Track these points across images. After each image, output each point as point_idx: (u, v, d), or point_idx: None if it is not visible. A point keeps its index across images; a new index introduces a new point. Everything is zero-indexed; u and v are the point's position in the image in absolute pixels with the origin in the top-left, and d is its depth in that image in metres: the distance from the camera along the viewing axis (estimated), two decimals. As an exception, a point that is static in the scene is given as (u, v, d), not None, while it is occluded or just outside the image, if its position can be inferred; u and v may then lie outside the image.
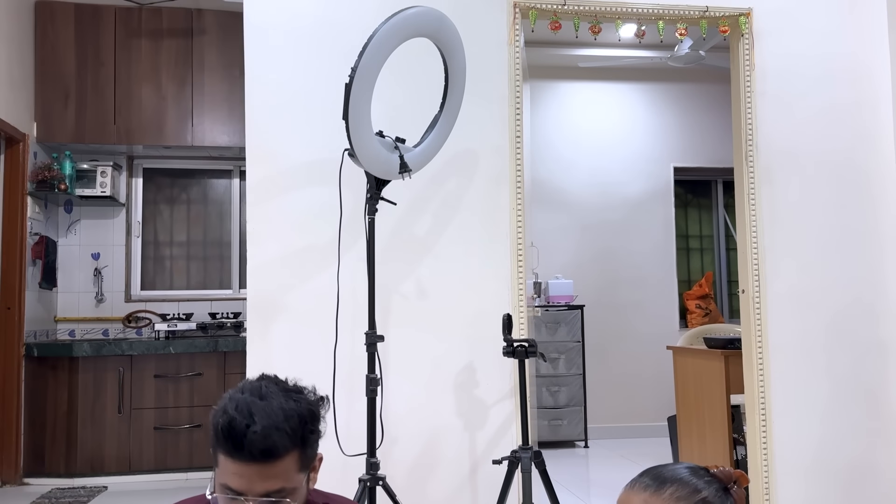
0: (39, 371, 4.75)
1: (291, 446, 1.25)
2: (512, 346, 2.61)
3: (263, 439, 1.21)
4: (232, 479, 1.24)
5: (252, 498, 1.23)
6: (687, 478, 1.17)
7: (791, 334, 3.01)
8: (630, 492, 1.19)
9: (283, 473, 1.25)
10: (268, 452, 1.22)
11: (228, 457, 1.24)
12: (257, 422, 1.22)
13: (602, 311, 6.02)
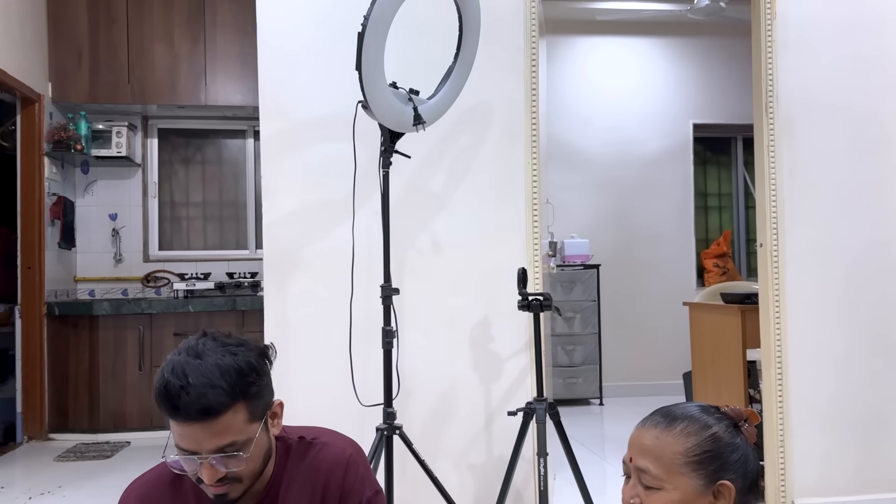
0: (61, 330, 4.83)
1: (231, 401, 1.23)
2: (527, 300, 2.61)
3: (199, 399, 1.20)
4: (181, 439, 1.24)
5: (205, 455, 1.23)
6: (697, 414, 1.17)
7: (808, 288, 2.98)
8: (642, 429, 1.19)
9: (230, 428, 1.24)
10: (206, 411, 1.21)
11: (171, 419, 1.23)
12: (191, 382, 1.20)
13: (618, 270, 6.00)
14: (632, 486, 1.17)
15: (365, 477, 1.40)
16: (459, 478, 2.79)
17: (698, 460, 1.13)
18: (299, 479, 1.38)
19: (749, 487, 1.15)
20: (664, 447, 1.14)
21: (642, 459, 1.15)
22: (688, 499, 1.12)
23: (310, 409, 2.73)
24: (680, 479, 1.12)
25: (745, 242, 6.53)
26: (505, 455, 2.76)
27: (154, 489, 1.38)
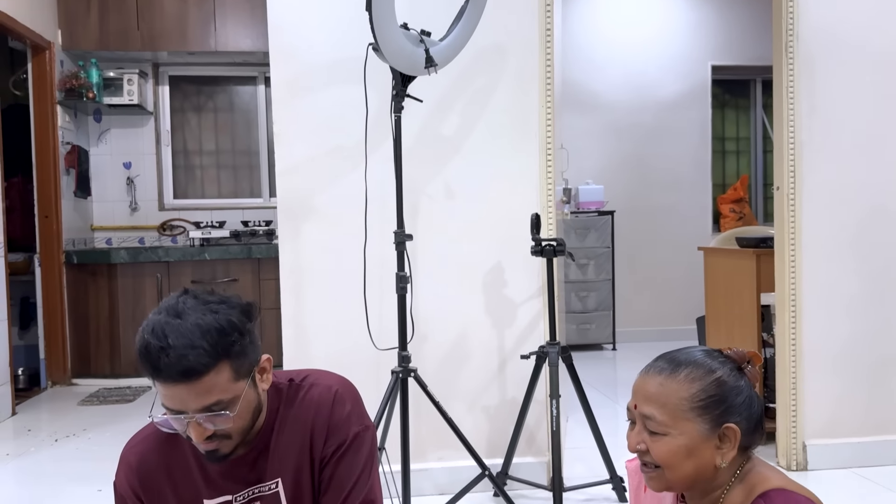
0: (80, 278, 4.89)
1: (213, 361, 1.21)
2: (540, 246, 2.61)
3: (179, 360, 1.18)
4: (166, 399, 1.24)
5: (191, 414, 1.22)
6: (701, 359, 1.18)
7: (824, 231, 2.95)
8: (646, 376, 1.20)
9: (215, 387, 1.22)
10: (187, 372, 1.19)
11: (154, 380, 1.23)
12: (171, 343, 1.19)
13: (633, 216, 5.96)
14: (637, 432, 1.18)
15: (352, 412, 1.38)
16: (473, 420, 2.83)
17: (703, 405, 1.13)
18: (289, 422, 1.38)
19: (754, 428, 1.16)
20: (669, 393, 1.15)
21: (647, 406, 1.16)
22: (694, 444, 1.13)
23: (326, 353, 2.76)
24: (685, 425, 1.13)
25: (762, 187, 6.46)
26: (518, 398, 2.79)
27: (152, 445, 1.39)
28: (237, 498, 1.36)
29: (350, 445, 1.36)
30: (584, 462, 3.06)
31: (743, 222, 5.90)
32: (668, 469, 1.14)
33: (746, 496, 1.13)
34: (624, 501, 2.71)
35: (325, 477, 1.36)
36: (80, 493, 2.92)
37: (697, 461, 1.13)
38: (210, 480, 1.36)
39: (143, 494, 1.36)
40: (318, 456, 1.36)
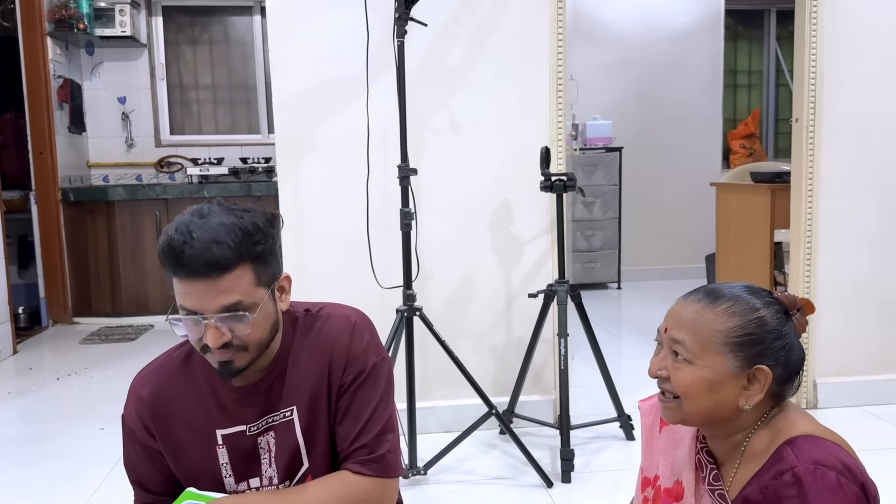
0: (77, 215, 4.81)
1: (237, 259, 1.18)
2: (550, 181, 2.51)
3: (203, 251, 1.16)
4: (184, 298, 1.20)
5: (209, 315, 1.19)
6: (745, 296, 1.10)
7: (844, 165, 2.85)
8: (683, 303, 1.12)
9: (236, 287, 1.19)
10: (210, 265, 1.16)
11: (175, 277, 1.19)
12: (195, 237, 1.16)
13: (641, 153, 5.82)
14: (661, 357, 1.11)
15: (370, 343, 1.36)
16: (479, 359, 2.79)
17: (738, 342, 1.06)
18: (305, 351, 1.34)
19: (788, 378, 1.09)
20: (704, 322, 1.07)
21: (678, 331, 1.09)
22: (718, 379, 1.06)
23: (329, 292, 2.69)
24: (715, 358, 1.06)
25: (773, 122, 6.30)
26: (524, 337, 2.74)
27: (163, 376, 1.35)
28: (251, 428, 1.32)
29: (369, 375, 1.33)
30: (590, 400, 3.04)
31: (753, 158, 5.77)
32: (686, 400, 1.07)
33: (771, 441, 1.06)
34: (632, 439, 2.68)
35: (341, 406, 1.32)
36: (82, 430, 2.90)
37: (718, 397, 1.06)
38: (224, 410, 1.32)
39: (154, 427, 1.32)
40: (336, 385, 1.33)
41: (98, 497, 2.34)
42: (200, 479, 1.32)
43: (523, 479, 2.39)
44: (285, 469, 1.35)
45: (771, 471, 1.02)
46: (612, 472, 2.44)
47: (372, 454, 1.31)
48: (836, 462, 0.98)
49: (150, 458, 1.35)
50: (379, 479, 1.31)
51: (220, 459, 1.33)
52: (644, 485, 1.23)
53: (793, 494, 0.97)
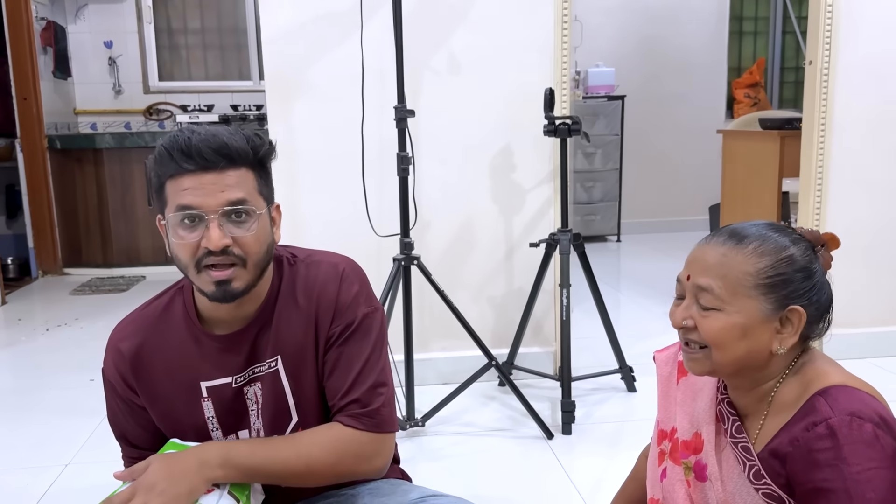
0: (65, 163, 4.69)
1: (244, 156, 1.15)
2: (554, 124, 2.40)
3: (213, 139, 1.12)
4: (186, 195, 1.12)
5: (213, 211, 1.12)
6: (772, 234, 1.02)
7: (858, 110, 2.74)
8: (705, 246, 1.03)
9: (242, 185, 1.15)
10: (220, 152, 1.12)
11: (178, 174, 1.12)
12: (202, 132, 1.13)
13: (644, 102, 5.68)
14: (685, 307, 1.03)
15: (360, 292, 1.28)
16: (479, 310, 2.72)
17: (770, 283, 0.98)
18: (292, 298, 1.26)
19: (819, 317, 1.02)
20: (732, 266, 0.99)
21: (704, 277, 1.00)
22: (751, 324, 0.99)
23: (323, 241, 2.59)
24: (745, 302, 0.98)
25: (779, 71, 6.15)
26: (525, 287, 2.67)
27: (142, 327, 1.27)
28: (237, 379, 1.25)
29: (359, 326, 1.26)
30: (590, 352, 2.98)
31: (757, 108, 5.64)
32: (717, 349, 1.00)
33: (802, 391, 0.99)
34: (633, 391, 2.63)
35: (330, 358, 1.25)
36: (72, 381, 2.84)
37: (751, 344, 0.99)
38: (207, 361, 1.24)
39: (135, 381, 1.25)
40: (324, 337, 1.25)
41: (88, 447, 2.29)
42: (186, 433, 1.26)
43: (523, 431, 2.34)
44: (273, 422, 1.28)
45: (803, 422, 0.95)
46: (613, 423, 2.39)
47: (365, 408, 1.23)
48: (872, 414, 0.92)
49: (133, 413, 1.28)
50: (372, 433, 1.24)
51: (206, 413, 1.27)
52: (660, 438, 1.17)
53: (826, 447, 0.91)
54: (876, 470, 0.89)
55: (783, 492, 0.97)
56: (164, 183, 1.14)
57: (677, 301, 1.06)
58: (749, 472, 1.01)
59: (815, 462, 0.92)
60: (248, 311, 1.24)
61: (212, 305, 1.21)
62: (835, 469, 0.90)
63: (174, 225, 1.14)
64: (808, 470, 0.93)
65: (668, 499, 1.12)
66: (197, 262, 1.15)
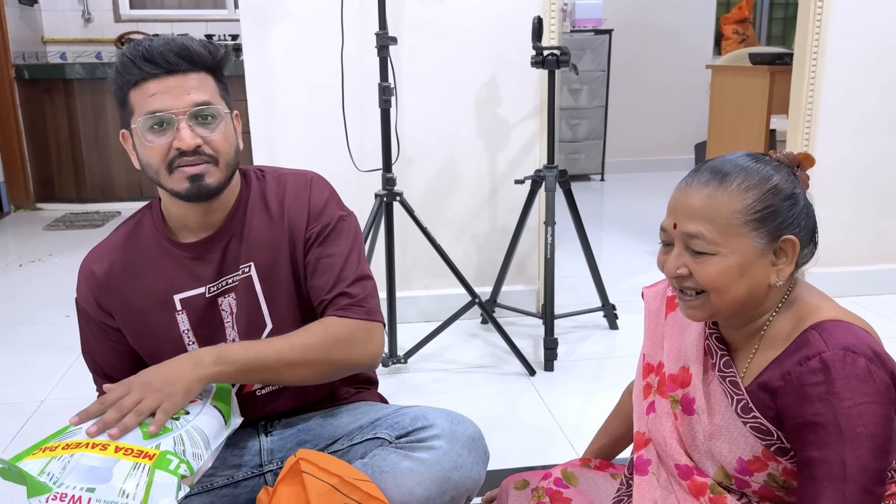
0: (34, 95, 4.53)
1: (204, 59, 1.17)
2: (542, 55, 2.32)
3: (172, 42, 1.15)
4: (152, 101, 1.14)
5: (182, 112, 1.14)
6: (752, 166, 0.98)
7: (852, 45, 2.67)
8: (687, 190, 0.99)
9: (205, 86, 1.17)
10: (181, 55, 1.14)
11: (142, 80, 1.14)
12: (161, 39, 1.16)
13: (632, 36, 5.54)
14: (676, 255, 0.99)
15: (331, 198, 1.32)
16: (462, 248, 2.68)
17: (760, 217, 0.95)
18: (263, 206, 1.28)
19: (809, 240, 1.00)
20: (719, 206, 0.95)
21: (692, 223, 0.96)
22: (748, 261, 0.96)
23: (302, 175, 2.54)
24: (738, 241, 0.95)
25: (768, 7, 6.03)
26: (509, 225, 2.63)
27: (112, 247, 1.29)
28: (210, 289, 1.26)
29: (335, 227, 1.29)
30: (572, 291, 2.97)
31: (746, 44, 5.54)
32: (716, 293, 0.97)
33: (795, 326, 0.98)
34: (615, 328, 2.64)
35: (311, 260, 1.28)
36: (47, 317, 2.79)
37: (751, 281, 0.96)
38: (179, 272, 1.25)
39: (109, 303, 1.26)
40: (301, 240, 1.27)
41: (65, 382, 2.26)
42: (163, 350, 1.25)
43: (505, 368, 2.34)
44: (247, 329, 1.28)
45: (795, 356, 0.94)
46: (595, 360, 2.40)
47: (353, 299, 1.26)
48: (866, 349, 0.90)
49: (107, 338, 1.29)
50: (364, 321, 1.25)
51: (181, 326, 1.27)
52: (646, 371, 1.15)
53: (819, 381, 0.90)
54: (867, 405, 0.88)
55: (772, 424, 0.97)
56: (128, 93, 1.16)
57: (665, 249, 1.02)
58: (737, 406, 1.00)
59: (807, 396, 0.91)
60: (217, 217, 1.25)
61: (181, 212, 1.23)
62: (826, 403, 0.89)
63: (143, 131, 1.15)
64: (799, 404, 0.92)
65: (655, 432, 1.11)
66: (169, 163, 1.17)
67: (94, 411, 1.08)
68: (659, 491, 1.10)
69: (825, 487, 0.88)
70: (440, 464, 1.16)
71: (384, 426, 1.25)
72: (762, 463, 0.98)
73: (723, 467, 1.03)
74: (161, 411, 1.07)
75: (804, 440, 0.91)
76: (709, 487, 1.03)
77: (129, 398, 1.08)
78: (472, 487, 1.21)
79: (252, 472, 1.32)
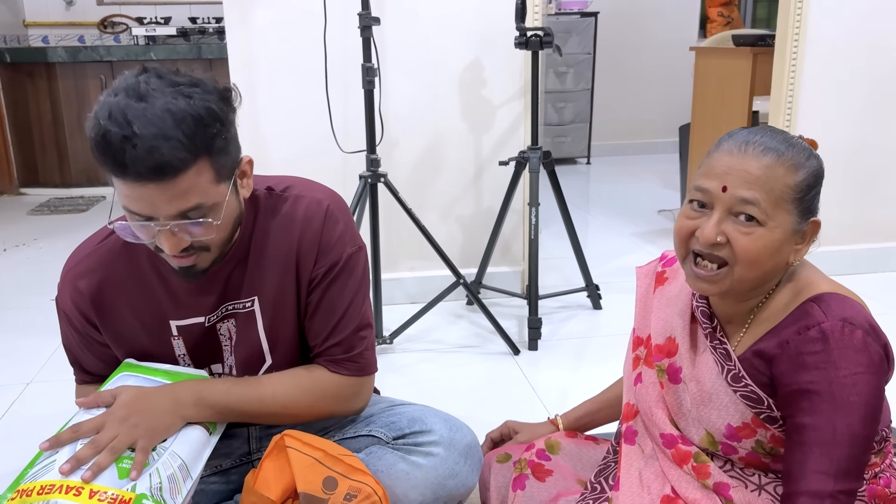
0: (16, 79, 4.48)
1: (192, 157, 0.98)
2: (525, 36, 2.33)
3: (149, 154, 0.94)
4: (132, 203, 1.00)
5: (163, 222, 1.01)
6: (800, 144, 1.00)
7: (833, 26, 2.69)
8: (742, 156, 0.96)
9: (193, 189, 1.00)
10: (160, 169, 0.96)
11: (116, 178, 0.99)
12: (137, 132, 0.94)
13: (618, 19, 5.55)
14: (717, 221, 0.95)
15: (345, 231, 1.21)
16: (447, 229, 2.70)
17: (803, 196, 0.96)
18: (271, 236, 1.19)
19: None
20: (777, 178, 0.94)
21: (749, 190, 0.94)
22: (785, 238, 0.97)
23: (286, 158, 2.54)
24: (783, 217, 0.96)
25: (754, -10, 6.03)
26: (494, 207, 2.64)
27: (102, 260, 1.18)
28: (209, 318, 1.20)
29: (343, 268, 1.19)
30: (557, 272, 3.00)
31: (731, 27, 5.55)
32: (747, 267, 0.96)
33: (792, 298, 0.99)
34: (598, 308, 2.66)
35: (313, 300, 1.20)
36: (32, 302, 2.79)
37: (778, 258, 0.97)
38: (177, 301, 1.18)
39: (97, 319, 1.19)
40: (307, 277, 1.19)
41: (50, 365, 2.26)
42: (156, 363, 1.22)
43: (490, 348, 2.36)
44: (246, 362, 1.24)
45: (794, 326, 0.96)
46: (579, 339, 2.42)
47: (348, 353, 1.22)
48: (863, 321, 0.93)
49: (90, 346, 1.23)
50: (354, 377, 1.23)
51: (177, 351, 1.22)
52: (636, 344, 1.18)
53: (817, 350, 0.92)
54: (861, 375, 0.91)
55: (763, 392, 0.99)
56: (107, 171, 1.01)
57: (692, 213, 0.99)
58: (727, 375, 1.02)
59: (804, 364, 0.93)
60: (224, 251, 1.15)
61: None
62: (822, 372, 0.91)
63: (126, 211, 1.03)
64: (795, 371, 0.94)
65: (642, 402, 1.13)
66: (156, 248, 1.07)
67: (66, 439, 1.02)
68: (643, 460, 1.12)
69: (813, 451, 0.91)
70: (437, 471, 1.16)
71: (379, 424, 1.23)
72: (751, 430, 1.01)
73: (710, 433, 1.05)
74: (140, 450, 1.02)
75: (797, 407, 0.93)
76: (692, 456, 1.06)
77: (105, 434, 1.02)
78: (464, 494, 1.21)
79: (240, 460, 1.32)
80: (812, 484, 0.90)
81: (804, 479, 0.91)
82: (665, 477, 1.08)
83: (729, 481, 1.03)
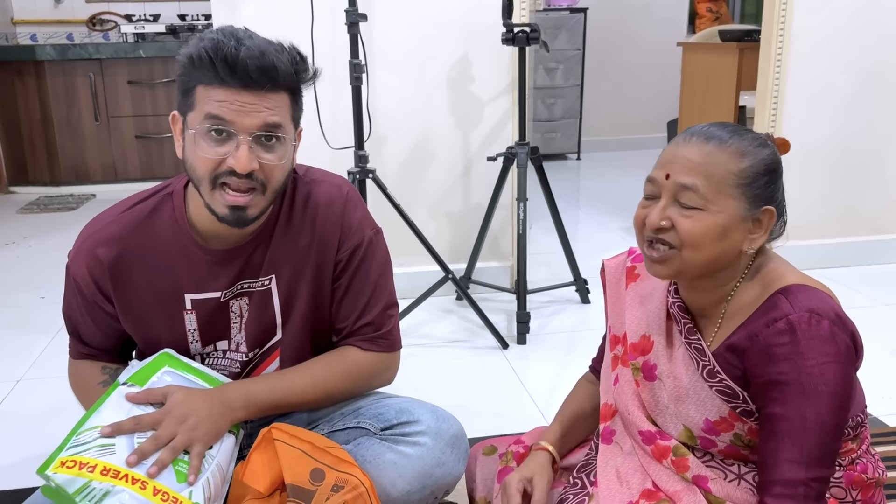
0: (5, 77, 4.47)
1: (288, 80, 1.08)
2: (512, 32, 2.34)
3: (262, 56, 1.03)
4: (221, 107, 1.04)
5: (247, 131, 1.05)
6: (749, 134, 1.02)
7: (818, 21, 2.72)
8: (686, 145, 1.00)
9: (280, 109, 1.07)
10: (266, 73, 1.04)
11: (216, 84, 1.04)
12: (250, 44, 1.04)
13: (607, 15, 5.57)
14: (663, 206, 0.99)
15: (364, 216, 1.27)
16: (436, 225, 2.71)
17: (748, 183, 0.98)
18: (295, 217, 1.23)
19: (780, 214, 1.03)
20: (717, 164, 0.97)
21: (688, 176, 0.97)
22: (731, 223, 0.98)
23: (276, 153, 2.54)
24: (727, 202, 0.97)
25: (742, -15, 6.06)
26: (482, 203, 2.66)
27: (123, 230, 1.18)
28: (225, 294, 1.21)
29: (367, 249, 1.25)
30: (546, 267, 3.02)
31: (719, 23, 5.58)
32: (692, 249, 0.98)
33: (761, 292, 1.01)
34: (587, 303, 2.68)
35: (342, 284, 1.25)
36: (22, 300, 2.79)
37: (725, 244, 0.99)
38: (196, 275, 1.20)
39: (112, 290, 1.19)
40: (331, 261, 1.24)
41: (40, 362, 2.26)
42: (161, 342, 1.23)
43: (479, 342, 2.37)
44: (255, 338, 1.27)
45: (763, 319, 0.97)
46: (567, 333, 2.44)
47: (379, 331, 1.27)
48: (829, 311, 0.94)
49: (94, 317, 1.24)
50: (385, 353, 1.28)
51: (188, 325, 1.23)
52: (613, 343, 1.18)
53: (785, 342, 0.93)
54: (829, 364, 0.92)
55: (738, 385, 1.00)
56: (195, 87, 1.06)
57: (646, 203, 1.03)
58: (703, 371, 1.03)
59: (773, 356, 0.94)
60: (250, 229, 1.18)
61: (212, 219, 1.14)
62: (791, 363, 0.93)
63: (199, 134, 1.06)
64: (764, 363, 0.95)
65: (619, 401, 1.14)
66: (215, 177, 1.08)
67: (128, 428, 1.05)
68: (622, 458, 1.13)
69: (784, 441, 0.92)
70: (424, 460, 1.18)
71: (367, 416, 1.25)
72: (728, 423, 1.02)
73: (688, 429, 1.06)
74: (195, 455, 1.06)
75: (768, 397, 0.95)
76: (671, 450, 1.07)
77: (165, 431, 1.05)
78: (451, 483, 1.23)
79: None
80: (785, 472, 0.92)
81: (777, 468, 0.93)
82: (645, 472, 1.09)
83: (707, 473, 1.05)
